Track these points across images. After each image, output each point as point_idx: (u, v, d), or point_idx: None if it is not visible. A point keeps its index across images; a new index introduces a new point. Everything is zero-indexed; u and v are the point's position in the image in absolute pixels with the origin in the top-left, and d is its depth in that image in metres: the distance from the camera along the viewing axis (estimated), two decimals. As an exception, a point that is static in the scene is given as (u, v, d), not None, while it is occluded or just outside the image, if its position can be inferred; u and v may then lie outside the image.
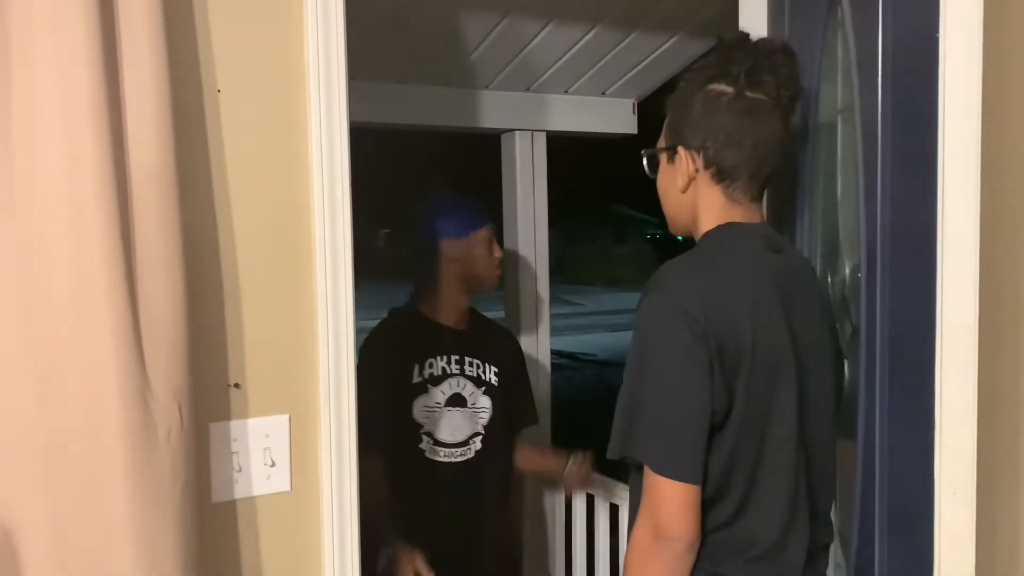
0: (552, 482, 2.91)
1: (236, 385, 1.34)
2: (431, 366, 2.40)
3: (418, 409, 2.38)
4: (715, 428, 1.25)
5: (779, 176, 1.40)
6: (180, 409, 1.19)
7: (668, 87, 3.18)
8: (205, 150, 1.31)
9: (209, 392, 1.31)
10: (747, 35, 1.39)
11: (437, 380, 2.40)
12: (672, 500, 1.23)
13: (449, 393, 2.41)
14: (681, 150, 1.38)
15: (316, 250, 1.38)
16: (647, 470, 1.26)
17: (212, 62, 1.30)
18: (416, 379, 2.38)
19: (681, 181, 1.39)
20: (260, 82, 1.34)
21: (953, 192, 1.04)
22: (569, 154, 3.16)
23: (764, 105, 1.32)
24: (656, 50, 2.89)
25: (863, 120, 1.23)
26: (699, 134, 1.35)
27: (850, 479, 1.33)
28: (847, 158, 1.40)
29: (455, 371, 2.42)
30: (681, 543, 1.24)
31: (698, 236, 1.40)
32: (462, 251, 2.39)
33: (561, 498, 2.92)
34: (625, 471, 1.43)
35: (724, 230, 1.36)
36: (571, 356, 13.79)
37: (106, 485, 1.14)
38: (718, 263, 1.33)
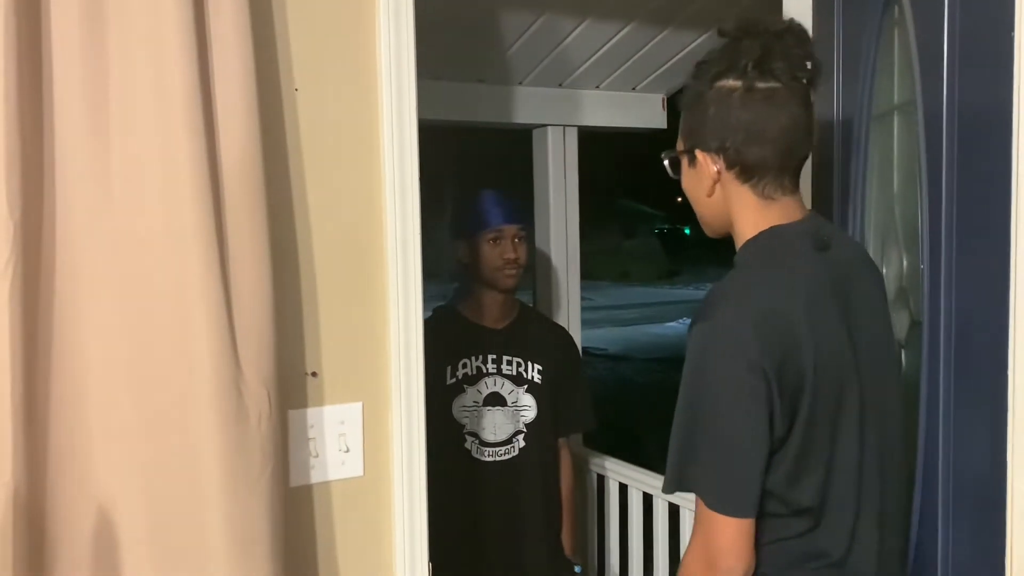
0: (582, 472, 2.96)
1: (313, 374, 1.39)
2: (465, 366, 2.42)
3: (457, 409, 2.42)
4: (775, 451, 1.22)
5: (823, 165, 1.38)
6: (269, 396, 1.24)
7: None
8: (284, 147, 1.36)
9: (288, 381, 1.35)
10: (750, 20, 1.29)
11: (472, 380, 2.43)
12: (726, 534, 1.21)
13: (486, 392, 2.44)
14: (699, 153, 1.31)
15: (387, 244, 1.43)
16: (699, 504, 1.23)
17: (290, 62, 1.35)
18: (450, 380, 2.41)
19: (706, 184, 1.32)
20: (335, 82, 1.39)
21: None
22: (579, 149, 3.19)
23: (779, 93, 1.24)
24: (688, 46, 2.93)
25: (926, 116, 1.26)
26: (716, 134, 1.28)
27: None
28: (905, 152, 1.44)
29: (491, 370, 2.44)
30: (735, 575, 1.22)
31: (738, 241, 1.34)
32: (470, 253, 2.41)
33: (593, 490, 2.96)
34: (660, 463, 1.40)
35: (766, 238, 1.29)
36: (583, 350, 13.79)
37: (201, 470, 1.19)
38: (768, 280, 1.26)
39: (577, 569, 2.59)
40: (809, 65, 1.26)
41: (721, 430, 1.21)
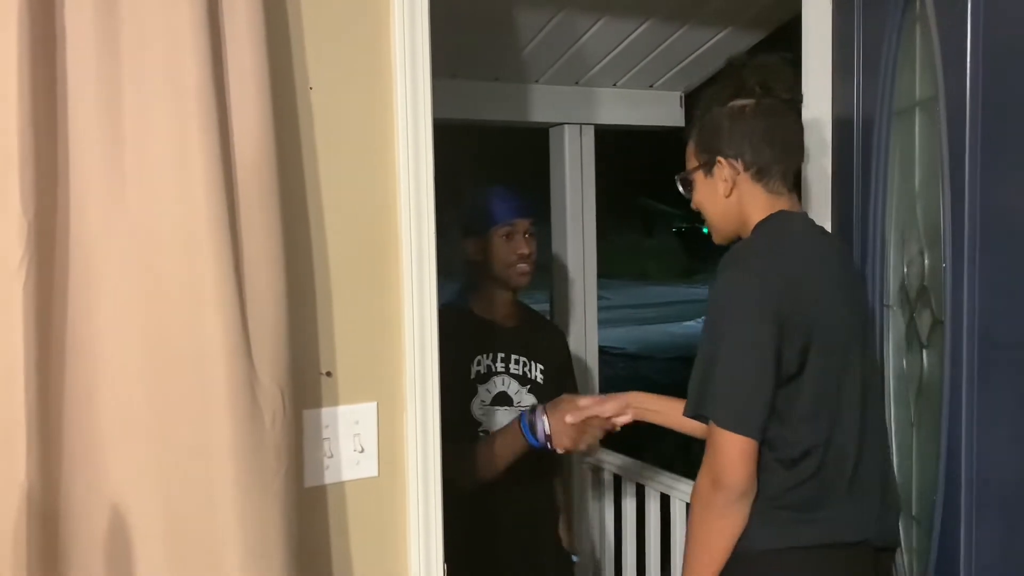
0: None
1: (328, 374, 1.39)
2: (479, 363, 2.39)
3: (476, 406, 2.41)
4: (785, 383, 1.39)
5: (843, 162, 1.53)
6: (283, 396, 1.23)
7: (716, 79, 3.22)
8: (298, 146, 1.35)
9: (302, 380, 1.35)
10: (747, 55, 1.62)
11: (483, 378, 2.40)
12: (730, 451, 1.37)
13: (495, 392, 2.40)
14: (720, 159, 1.54)
15: (402, 243, 1.42)
16: (711, 426, 1.40)
17: (304, 61, 1.34)
18: (471, 375, 2.40)
19: (724, 188, 1.55)
20: (350, 80, 1.38)
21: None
22: (596, 147, 3.17)
23: (780, 107, 1.52)
24: (706, 43, 2.91)
25: (948, 113, 1.24)
26: (735, 142, 1.52)
27: (928, 468, 1.34)
28: (927, 149, 1.41)
29: (500, 369, 2.41)
30: (734, 491, 1.38)
31: (747, 232, 1.55)
32: (480, 250, 2.36)
33: (610, 490, 2.95)
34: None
35: (775, 217, 1.51)
36: (601, 350, 13.75)
37: (215, 470, 1.19)
38: (779, 244, 1.48)
39: (574, 559, 2.62)
40: (798, 87, 1.56)
41: (736, 362, 1.40)
